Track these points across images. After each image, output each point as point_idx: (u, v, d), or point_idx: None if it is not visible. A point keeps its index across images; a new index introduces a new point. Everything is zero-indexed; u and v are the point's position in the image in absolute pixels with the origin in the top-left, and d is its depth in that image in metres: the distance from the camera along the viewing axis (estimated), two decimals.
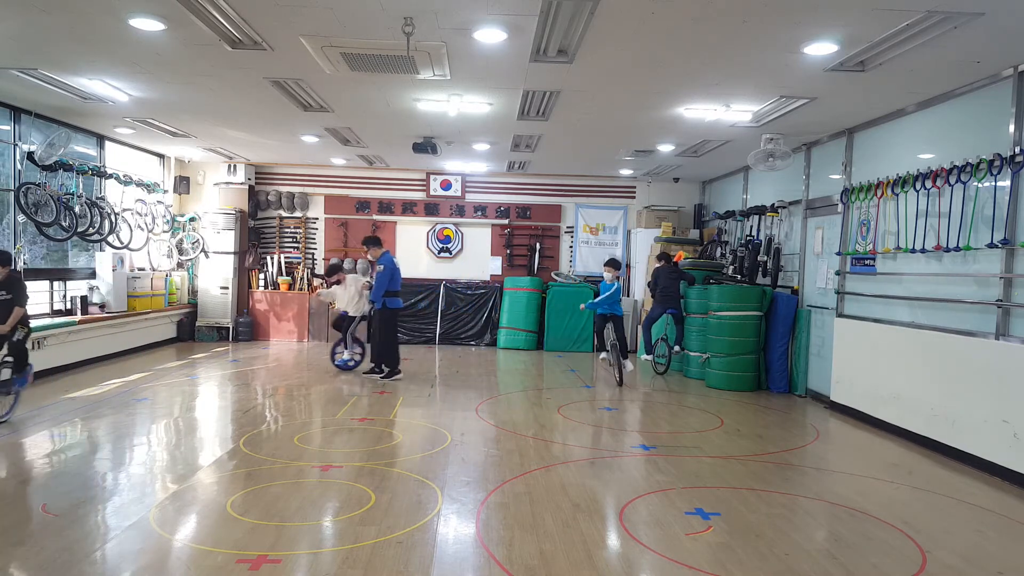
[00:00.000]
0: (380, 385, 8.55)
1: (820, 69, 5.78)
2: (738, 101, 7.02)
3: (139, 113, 8.41)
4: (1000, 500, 4.96)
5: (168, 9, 4.88)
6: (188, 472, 5.09)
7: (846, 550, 3.95)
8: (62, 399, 7.26)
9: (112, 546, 3.77)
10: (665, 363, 9.99)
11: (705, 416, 7.42)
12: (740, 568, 3.66)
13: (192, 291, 12.41)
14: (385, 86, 6.83)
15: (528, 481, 5.01)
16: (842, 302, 7.88)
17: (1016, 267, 5.49)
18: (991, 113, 5.80)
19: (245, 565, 3.51)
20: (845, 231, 7.89)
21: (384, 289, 8.65)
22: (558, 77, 6.32)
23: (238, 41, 5.54)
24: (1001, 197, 5.59)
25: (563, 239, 13.35)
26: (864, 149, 7.71)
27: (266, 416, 6.89)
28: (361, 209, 13.02)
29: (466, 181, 13.11)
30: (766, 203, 9.84)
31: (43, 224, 8.26)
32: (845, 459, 6.05)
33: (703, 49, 5.42)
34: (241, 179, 12.44)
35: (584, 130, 8.69)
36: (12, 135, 8.23)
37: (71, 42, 5.72)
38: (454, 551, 3.82)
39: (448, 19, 4.97)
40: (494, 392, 8.46)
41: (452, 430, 6.41)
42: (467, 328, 12.83)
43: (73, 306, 9.35)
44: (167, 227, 11.78)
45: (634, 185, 13.20)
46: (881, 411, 6.95)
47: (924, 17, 4.59)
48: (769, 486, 5.11)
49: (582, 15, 4.78)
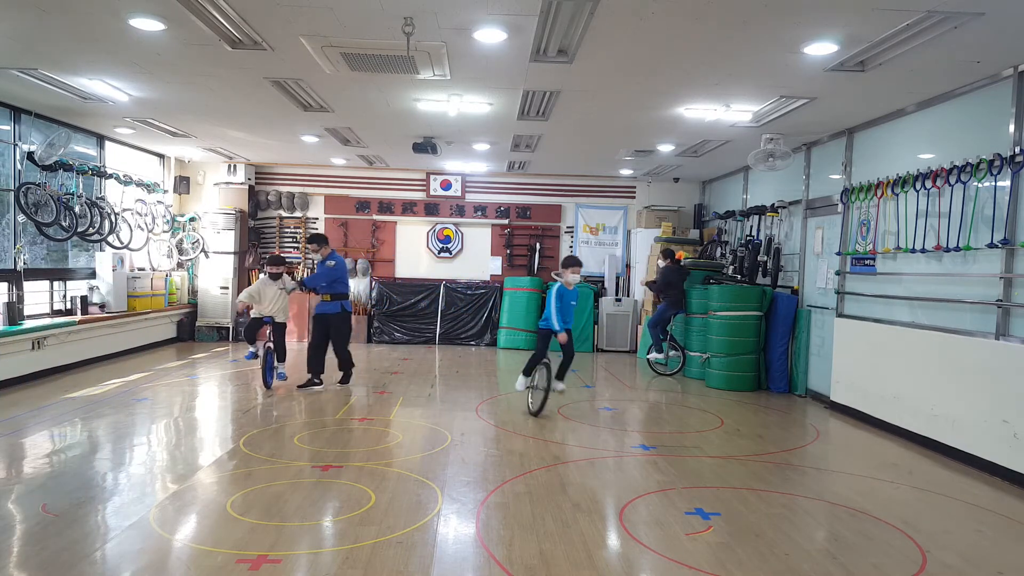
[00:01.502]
0: (380, 386, 8.55)
1: (820, 69, 5.78)
2: (738, 101, 7.02)
3: (139, 113, 8.41)
4: (1000, 500, 4.96)
5: (168, 9, 4.87)
6: (188, 472, 5.09)
7: (846, 550, 3.95)
8: (62, 399, 7.26)
9: (112, 546, 3.77)
10: (679, 364, 9.92)
11: (705, 416, 7.42)
12: (740, 568, 3.66)
13: (192, 291, 12.41)
14: (385, 86, 6.83)
15: (528, 481, 5.01)
16: (842, 302, 7.88)
17: (1016, 267, 5.49)
18: (991, 113, 5.80)
19: (245, 565, 3.51)
20: (845, 231, 7.89)
21: (333, 279, 7.97)
22: (558, 77, 6.32)
23: (238, 41, 5.54)
24: (1001, 197, 5.59)
25: (563, 239, 13.35)
26: (864, 149, 7.71)
27: (266, 416, 6.89)
28: (361, 209, 13.02)
29: (466, 181, 13.11)
30: (766, 203, 9.84)
31: (43, 224, 8.26)
32: (845, 459, 6.05)
33: (703, 49, 5.42)
34: (241, 179, 12.44)
35: (584, 130, 8.69)
36: (12, 135, 8.23)
37: (71, 42, 5.72)
38: (454, 551, 3.82)
39: (448, 19, 4.97)
40: (494, 392, 8.46)
41: (452, 430, 6.41)
42: (467, 328, 12.83)
43: (73, 306, 9.35)
44: (167, 227, 11.79)
45: (634, 185, 13.21)
46: (881, 411, 6.95)
47: (924, 17, 4.59)
48: (769, 486, 5.11)
49: (582, 15, 4.78)
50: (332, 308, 8.05)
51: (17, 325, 7.91)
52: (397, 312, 12.78)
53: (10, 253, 8.27)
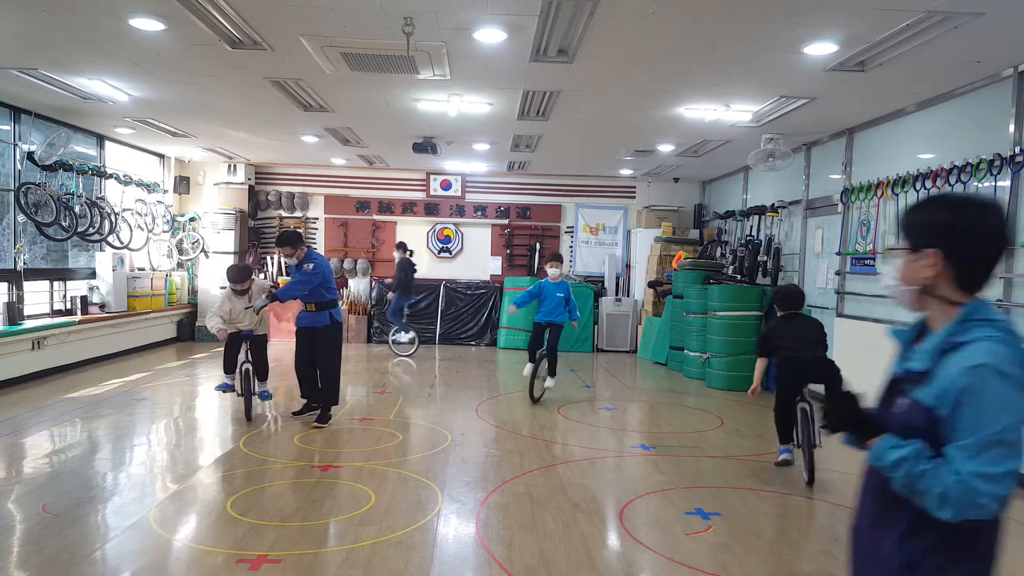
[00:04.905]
0: (380, 386, 8.54)
1: (820, 69, 5.78)
2: (738, 101, 7.02)
3: (139, 113, 8.41)
4: None
5: (168, 9, 4.87)
6: (188, 472, 5.09)
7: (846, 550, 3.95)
8: (62, 399, 7.26)
9: (112, 546, 3.77)
10: None
11: (705, 416, 7.42)
12: (740, 568, 3.66)
13: (192, 291, 12.40)
14: (385, 86, 6.83)
15: (528, 481, 5.01)
16: (842, 302, 7.88)
17: (1016, 267, 5.49)
18: (991, 113, 5.80)
19: (245, 565, 3.51)
20: (845, 231, 7.89)
21: (306, 288, 6.36)
22: (558, 77, 6.32)
23: (238, 41, 5.54)
24: (1001, 197, 5.58)
25: (563, 239, 13.34)
26: (864, 149, 7.71)
27: (266, 416, 6.89)
28: (361, 209, 13.02)
29: (466, 181, 13.11)
30: (766, 203, 9.84)
31: (43, 224, 8.26)
32: (845, 459, 6.05)
33: (703, 49, 5.42)
34: (241, 179, 12.44)
35: (584, 130, 8.69)
36: (12, 135, 8.23)
37: (71, 42, 5.72)
38: (454, 551, 3.82)
39: (448, 19, 4.97)
40: (494, 392, 8.46)
41: (452, 430, 6.41)
42: (467, 328, 12.83)
43: (73, 306, 9.34)
44: (167, 227, 11.78)
45: (634, 185, 13.20)
46: None
47: (924, 17, 4.59)
48: (769, 486, 5.10)
49: (582, 15, 4.78)
50: (318, 320, 6.45)
51: (17, 325, 7.91)
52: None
53: (10, 253, 8.27)
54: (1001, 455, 1.46)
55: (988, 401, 1.48)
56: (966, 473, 1.45)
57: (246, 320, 6.52)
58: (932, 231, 1.65)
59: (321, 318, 6.44)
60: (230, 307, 6.47)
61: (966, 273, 1.64)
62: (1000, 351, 1.52)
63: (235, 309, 6.47)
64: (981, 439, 1.47)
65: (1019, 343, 1.55)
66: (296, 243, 6.45)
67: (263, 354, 6.72)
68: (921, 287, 1.69)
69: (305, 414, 6.68)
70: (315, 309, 6.44)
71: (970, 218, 1.62)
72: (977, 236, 1.62)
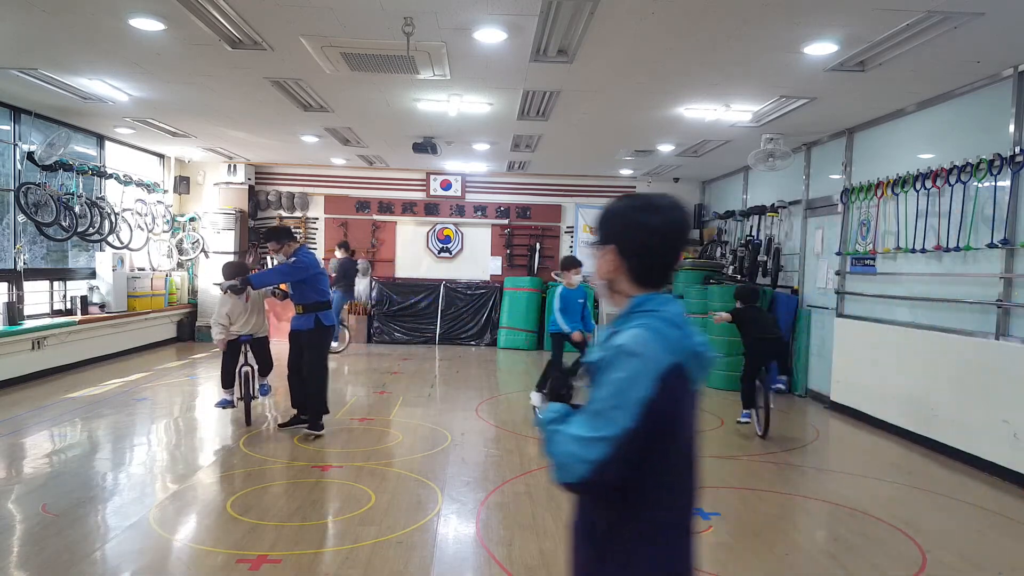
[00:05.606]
0: (380, 386, 8.54)
1: (820, 69, 5.78)
2: (738, 101, 7.01)
3: (139, 113, 8.41)
4: (1000, 500, 4.96)
5: (168, 9, 4.87)
6: (188, 472, 5.09)
7: (846, 550, 3.95)
8: (62, 399, 7.26)
9: (112, 546, 3.77)
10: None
11: (705, 416, 7.42)
12: (740, 568, 3.66)
13: (192, 291, 12.40)
14: (385, 86, 6.83)
15: (528, 481, 5.01)
16: (842, 302, 7.88)
17: (1016, 267, 5.49)
18: (991, 113, 5.80)
19: (245, 565, 3.51)
20: (845, 231, 7.89)
21: (282, 277, 6.23)
22: (558, 77, 6.32)
23: (238, 41, 5.54)
24: (1001, 197, 5.59)
25: (563, 239, 13.34)
26: (864, 149, 7.71)
27: (266, 416, 6.89)
28: (361, 209, 13.02)
29: (466, 181, 13.11)
30: (766, 203, 9.84)
31: (43, 224, 8.25)
32: (845, 459, 6.06)
33: (703, 49, 5.42)
34: (241, 179, 12.44)
35: (584, 130, 8.69)
36: (12, 135, 8.23)
37: (71, 42, 5.72)
38: (454, 551, 3.82)
39: (448, 19, 4.97)
40: (494, 392, 8.46)
41: (452, 430, 6.41)
42: (467, 328, 12.83)
43: (73, 306, 9.34)
44: (167, 227, 11.78)
45: (634, 185, 13.19)
46: (881, 411, 6.95)
47: (924, 17, 4.59)
48: (769, 486, 5.10)
49: (582, 15, 4.78)
50: (304, 323, 6.15)
51: (17, 325, 7.91)
52: (397, 312, 12.79)
53: (10, 253, 8.27)
54: (602, 423, 1.48)
55: (610, 377, 1.51)
56: (567, 435, 1.51)
57: (245, 319, 6.45)
58: (611, 227, 1.70)
59: (307, 321, 6.16)
60: (230, 307, 6.40)
61: (640, 268, 1.66)
62: (640, 335, 1.54)
63: (235, 309, 6.41)
64: (591, 407, 1.52)
65: (667, 329, 1.56)
66: (282, 238, 6.28)
67: (266, 353, 6.66)
68: (606, 281, 1.72)
69: (292, 426, 6.31)
70: (303, 311, 6.19)
71: (642, 216, 1.65)
72: (647, 233, 1.64)
